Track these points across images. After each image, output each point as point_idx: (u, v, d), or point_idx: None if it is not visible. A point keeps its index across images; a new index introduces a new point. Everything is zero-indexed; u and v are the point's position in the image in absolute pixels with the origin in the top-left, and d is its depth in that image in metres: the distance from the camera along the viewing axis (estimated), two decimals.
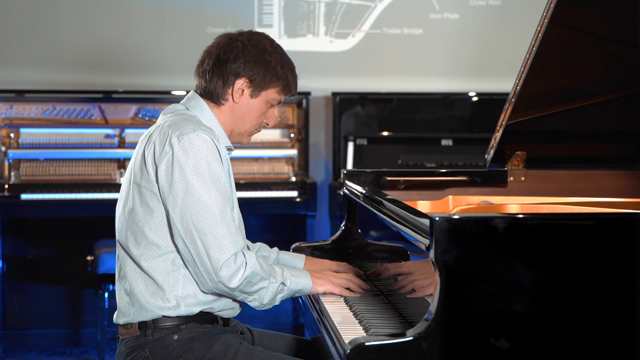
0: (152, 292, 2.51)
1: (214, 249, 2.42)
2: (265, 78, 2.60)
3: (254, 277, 2.46)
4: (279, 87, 2.63)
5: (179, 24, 5.57)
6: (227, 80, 2.60)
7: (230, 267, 2.42)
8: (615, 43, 2.93)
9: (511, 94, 3.02)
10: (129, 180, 2.58)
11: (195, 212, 2.42)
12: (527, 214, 2.37)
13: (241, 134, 2.68)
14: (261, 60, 2.60)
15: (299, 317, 5.35)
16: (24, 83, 5.36)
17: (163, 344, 2.50)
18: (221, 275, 2.42)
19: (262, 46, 2.62)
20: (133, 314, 2.53)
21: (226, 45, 2.62)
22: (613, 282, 2.12)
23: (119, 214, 2.60)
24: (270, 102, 2.65)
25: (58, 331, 5.32)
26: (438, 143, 5.39)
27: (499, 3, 5.74)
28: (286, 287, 2.55)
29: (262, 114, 2.65)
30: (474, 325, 2.08)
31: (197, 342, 2.50)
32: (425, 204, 3.14)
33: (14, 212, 4.97)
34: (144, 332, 2.52)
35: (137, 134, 5.16)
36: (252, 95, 2.62)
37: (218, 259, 2.42)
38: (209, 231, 2.42)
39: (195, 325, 2.52)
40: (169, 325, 2.51)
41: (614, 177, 3.26)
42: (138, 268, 2.52)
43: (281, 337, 2.80)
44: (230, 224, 2.45)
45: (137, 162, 2.56)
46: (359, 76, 5.71)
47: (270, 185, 5.13)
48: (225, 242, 2.42)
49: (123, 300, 2.57)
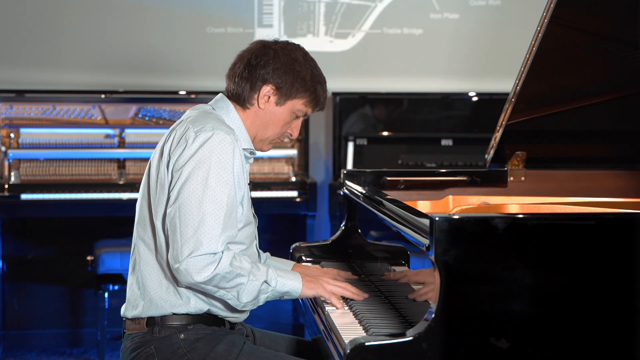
0: (165, 286, 2.52)
1: (189, 243, 2.38)
2: (293, 87, 2.59)
3: (229, 274, 2.40)
4: (306, 98, 2.61)
5: (179, 24, 5.57)
6: (255, 85, 2.60)
7: (199, 262, 2.37)
8: (615, 43, 2.93)
9: (511, 94, 3.02)
10: (147, 173, 2.61)
11: (185, 203, 2.41)
12: (527, 214, 2.37)
13: (262, 141, 2.66)
14: (290, 69, 2.58)
15: (299, 317, 5.35)
16: (24, 83, 5.36)
17: (169, 342, 2.51)
18: (186, 267, 2.37)
19: (294, 56, 2.61)
20: (142, 308, 2.54)
21: (258, 50, 2.62)
22: (613, 282, 2.12)
23: (137, 207, 2.63)
24: (296, 113, 2.63)
25: (58, 331, 5.32)
26: (438, 143, 5.39)
27: (498, 3, 5.74)
28: (271, 287, 2.49)
29: (285, 123, 2.64)
30: (474, 325, 2.08)
31: (202, 341, 2.51)
32: (425, 204, 3.14)
33: (14, 212, 4.97)
34: (151, 329, 2.53)
35: (137, 134, 5.17)
36: (278, 104, 2.61)
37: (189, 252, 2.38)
38: (191, 225, 2.39)
39: (202, 327, 2.53)
40: (176, 324, 2.52)
41: (614, 177, 3.26)
42: (151, 260, 2.54)
43: (282, 338, 2.80)
44: (216, 224, 2.41)
45: (156, 156, 2.58)
46: (359, 76, 5.71)
47: (270, 185, 5.14)
48: (204, 239, 2.38)
49: (134, 293, 2.58)
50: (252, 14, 5.62)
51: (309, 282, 2.57)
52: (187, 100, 5.31)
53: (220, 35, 5.60)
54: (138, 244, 2.59)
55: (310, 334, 2.79)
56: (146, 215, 2.57)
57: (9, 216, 5.04)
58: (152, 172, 2.57)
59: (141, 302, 2.55)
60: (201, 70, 5.54)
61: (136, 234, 2.61)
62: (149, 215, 2.56)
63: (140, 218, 2.60)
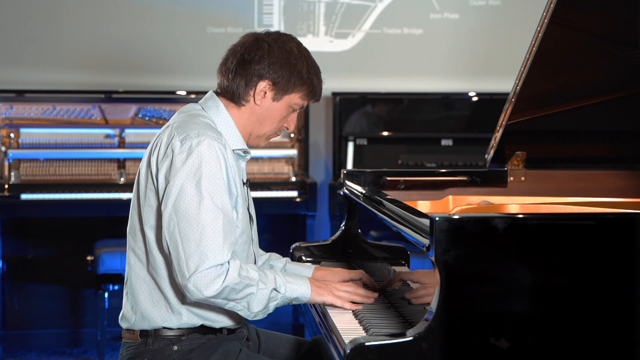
0: (155, 300, 2.48)
1: (194, 257, 2.32)
2: (290, 82, 2.52)
3: (238, 285, 2.35)
4: (303, 91, 2.55)
5: (179, 24, 5.57)
6: (250, 81, 2.52)
7: (207, 276, 2.31)
8: (615, 43, 2.92)
9: (511, 94, 3.02)
10: (137, 182, 2.55)
11: (182, 217, 2.35)
12: (527, 214, 2.37)
13: (259, 137, 2.61)
14: (287, 63, 2.51)
15: (299, 317, 5.35)
16: (24, 83, 5.36)
17: (162, 354, 2.48)
18: (194, 283, 2.31)
19: (288, 48, 2.53)
20: (134, 321, 2.51)
21: (252, 45, 2.54)
22: (613, 282, 2.12)
23: (130, 214, 2.57)
24: (293, 106, 2.57)
25: (58, 331, 5.32)
26: (438, 143, 5.39)
27: (499, 3, 5.74)
28: (280, 294, 2.43)
29: (282, 118, 2.58)
30: (474, 325, 2.08)
31: (195, 352, 2.48)
32: (425, 204, 3.14)
33: (14, 212, 4.97)
34: (144, 340, 2.50)
35: (137, 134, 5.17)
36: (275, 99, 2.54)
37: (195, 267, 2.32)
38: (192, 238, 2.33)
39: (197, 336, 2.49)
40: (170, 335, 2.48)
41: (614, 177, 3.26)
42: (142, 272, 2.50)
43: (286, 339, 2.79)
44: (217, 234, 2.34)
45: (144, 165, 2.52)
46: (359, 76, 5.71)
47: (270, 185, 5.13)
48: (208, 251, 2.32)
49: (127, 304, 2.55)
50: (252, 14, 5.62)
51: (318, 288, 2.51)
52: (187, 100, 5.29)
53: (220, 35, 5.60)
54: (129, 255, 2.54)
55: (310, 334, 2.79)
56: (136, 225, 2.51)
57: (9, 216, 5.04)
58: (142, 182, 2.50)
59: (133, 316, 2.51)
60: (201, 70, 5.54)
61: (128, 244, 2.55)
62: (139, 224, 2.50)
63: (131, 228, 2.54)
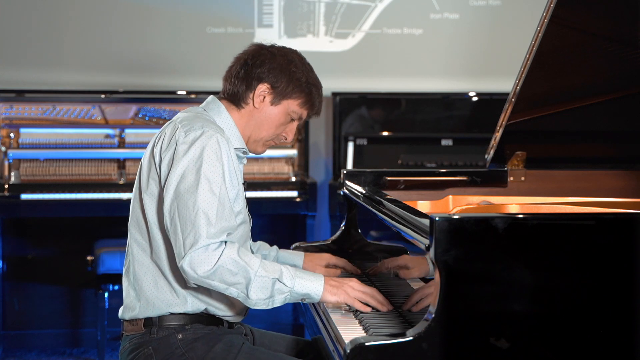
0: (161, 286, 2.53)
1: (189, 237, 2.38)
2: (288, 87, 2.61)
3: (234, 267, 2.37)
4: (301, 99, 2.64)
5: (179, 24, 5.57)
6: (250, 84, 2.62)
7: (200, 255, 2.36)
8: (615, 43, 2.93)
9: (511, 94, 3.02)
10: (139, 174, 2.61)
11: (182, 201, 2.42)
12: (527, 214, 2.37)
13: (257, 142, 2.67)
14: (286, 69, 2.61)
15: (299, 317, 5.35)
16: (24, 83, 5.37)
17: (167, 343, 2.52)
18: (189, 262, 2.37)
19: (290, 57, 2.64)
20: (139, 309, 2.55)
21: (255, 52, 2.65)
22: (613, 282, 2.12)
23: (131, 207, 2.63)
24: (291, 114, 2.65)
25: (58, 331, 5.32)
26: (438, 143, 5.39)
27: (499, 3, 5.74)
28: (286, 286, 2.42)
29: (280, 124, 2.65)
30: (474, 325, 2.08)
31: (200, 341, 2.52)
32: (425, 204, 3.14)
33: (14, 212, 4.97)
34: (149, 329, 2.54)
35: (137, 134, 5.17)
36: (273, 103, 2.62)
37: (190, 246, 2.37)
38: (189, 219, 2.39)
39: (200, 326, 2.54)
40: (174, 324, 2.53)
41: (614, 177, 3.26)
42: (146, 261, 2.55)
43: (281, 338, 2.80)
44: (211, 215, 2.40)
45: (147, 157, 2.59)
46: (359, 76, 5.71)
47: (270, 185, 5.13)
48: (202, 231, 2.37)
49: (130, 295, 2.59)
50: (252, 14, 5.62)
51: (332, 287, 2.46)
52: (187, 100, 5.31)
53: (220, 35, 5.60)
54: (132, 246, 2.60)
55: (310, 334, 2.79)
56: (139, 216, 2.58)
57: (9, 216, 5.04)
58: (144, 173, 2.58)
59: (137, 304, 2.55)
60: (201, 70, 5.54)
61: (130, 236, 2.61)
62: (142, 215, 2.56)
63: (133, 220, 2.61)
